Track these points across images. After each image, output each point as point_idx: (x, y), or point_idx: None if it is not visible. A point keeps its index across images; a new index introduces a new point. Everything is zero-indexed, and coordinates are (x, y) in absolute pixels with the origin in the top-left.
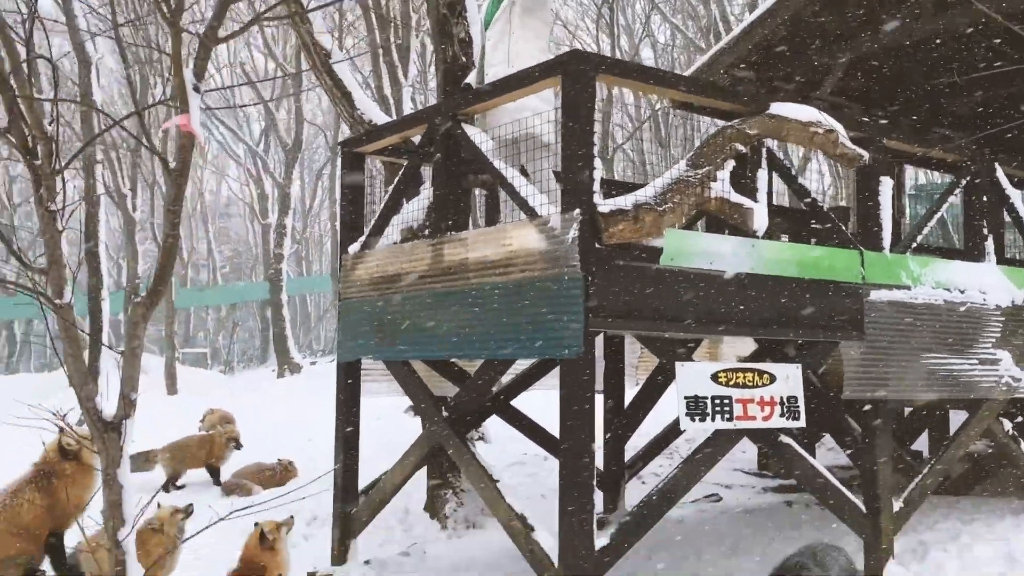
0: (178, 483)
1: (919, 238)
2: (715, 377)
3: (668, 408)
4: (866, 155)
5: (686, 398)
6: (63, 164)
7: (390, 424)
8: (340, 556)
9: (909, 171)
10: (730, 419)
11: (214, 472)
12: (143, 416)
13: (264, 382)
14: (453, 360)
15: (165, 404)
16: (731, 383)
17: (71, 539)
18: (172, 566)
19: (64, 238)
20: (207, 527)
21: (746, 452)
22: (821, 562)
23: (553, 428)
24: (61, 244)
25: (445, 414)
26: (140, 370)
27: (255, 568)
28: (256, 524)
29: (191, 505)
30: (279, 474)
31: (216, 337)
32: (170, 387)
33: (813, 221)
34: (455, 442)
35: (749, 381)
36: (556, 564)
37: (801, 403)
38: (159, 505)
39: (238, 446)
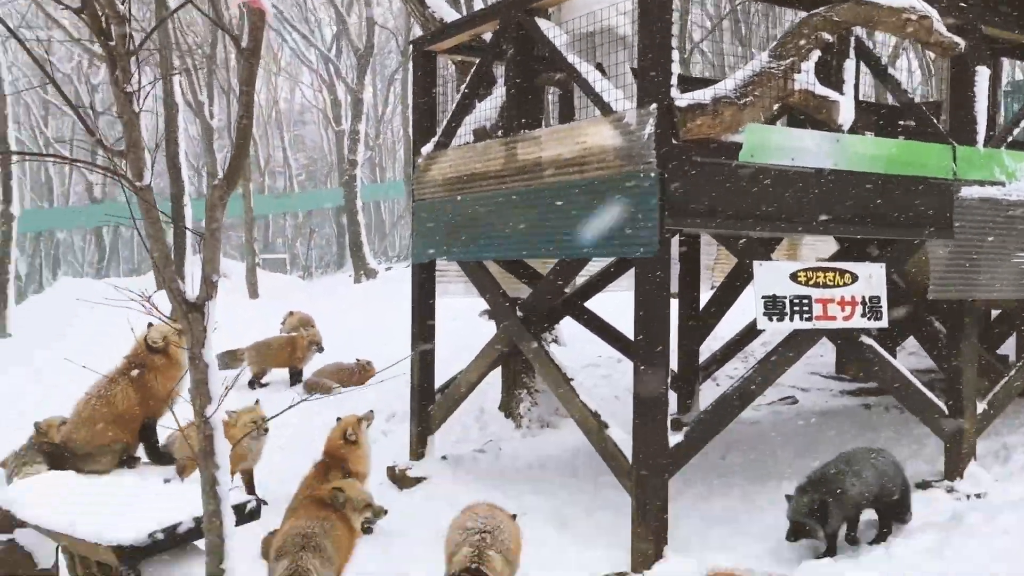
0: (262, 381)
1: (1016, 132)
2: (794, 277)
3: (743, 311)
4: (962, 43)
5: (764, 298)
6: (137, 45)
7: (466, 326)
8: (418, 452)
9: (1005, 66)
10: (809, 319)
11: (295, 372)
12: (226, 318)
13: (341, 287)
14: (526, 261)
15: (247, 308)
16: (811, 283)
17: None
18: (255, 457)
19: (143, 127)
20: (288, 408)
21: (824, 356)
22: (856, 469)
23: (627, 330)
24: (139, 126)
25: (519, 314)
26: (219, 252)
27: (337, 460)
28: (338, 419)
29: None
30: (358, 373)
31: (294, 244)
32: (251, 292)
33: (902, 117)
34: (529, 341)
35: (830, 281)
36: (629, 460)
37: (884, 303)
38: (258, 402)
39: (319, 349)
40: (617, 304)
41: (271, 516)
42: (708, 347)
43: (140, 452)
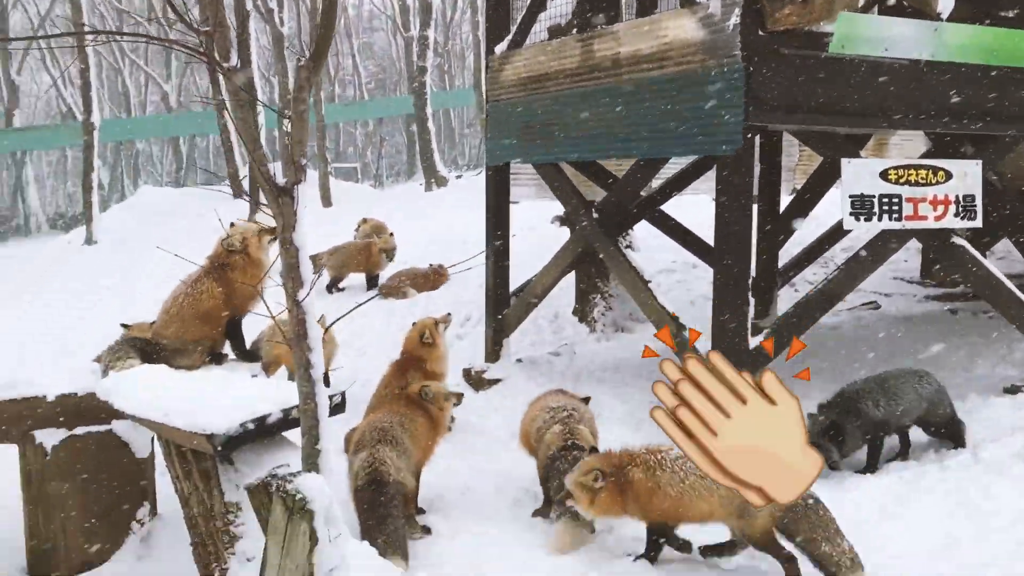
0: (340, 286)
1: None
2: (884, 174)
3: (826, 214)
4: None
5: (851, 196)
6: None
7: (541, 234)
8: (493, 354)
9: None
10: (898, 218)
11: (372, 278)
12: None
13: (412, 195)
14: (602, 163)
15: (320, 216)
16: (902, 181)
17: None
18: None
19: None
20: (357, 307)
21: (907, 261)
22: (891, 391)
23: (704, 234)
24: (223, 5)
25: (595, 216)
26: (307, 134)
27: (415, 360)
28: (414, 324)
29: (323, 318)
30: (432, 278)
31: (365, 152)
32: (324, 200)
33: (1001, 6)
34: (605, 243)
35: (922, 179)
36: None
37: (979, 202)
38: (323, 316)
39: (390, 258)
40: (695, 207)
41: (353, 416)
42: (787, 252)
43: (228, 349)
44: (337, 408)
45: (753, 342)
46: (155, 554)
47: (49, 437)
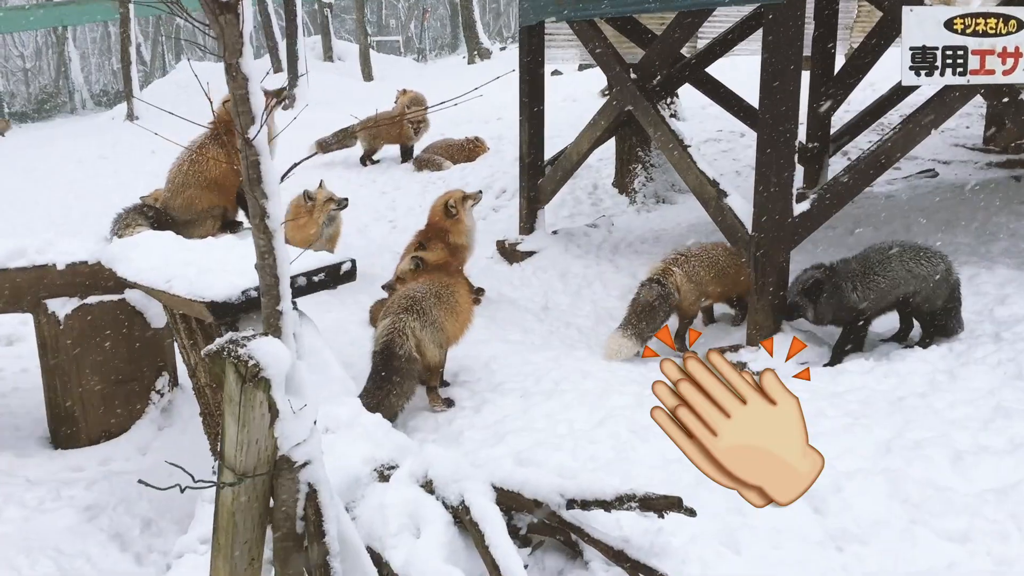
0: (374, 158)
1: None
2: (950, 24)
3: (882, 77)
4: None
5: (912, 49)
6: None
7: (584, 106)
8: (527, 226)
9: None
10: (963, 73)
11: (406, 149)
12: (340, 99)
13: (455, 68)
14: (642, 21)
15: (360, 90)
16: (969, 31)
17: None
18: (334, 240)
19: None
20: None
21: (970, 128)
22: (874, 272)
23: (752, 99)
24: None
25: (633, 76)
26: None
27: (439, 231)
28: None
29: (346, 200)
30: (468, 150)
31: (408, 26)
32: (365, 73)
33: None
34: (643, 106)
35: (991, 28)
36: (749, 230)
37: None
38: (321, 184)
39: (424, 128)
40: (743, 71)
41: (369, 289)
42: (840, 118)
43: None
44: (348, 276)
45: (798, 209)
46: (176, 424)
47: (61, 306)
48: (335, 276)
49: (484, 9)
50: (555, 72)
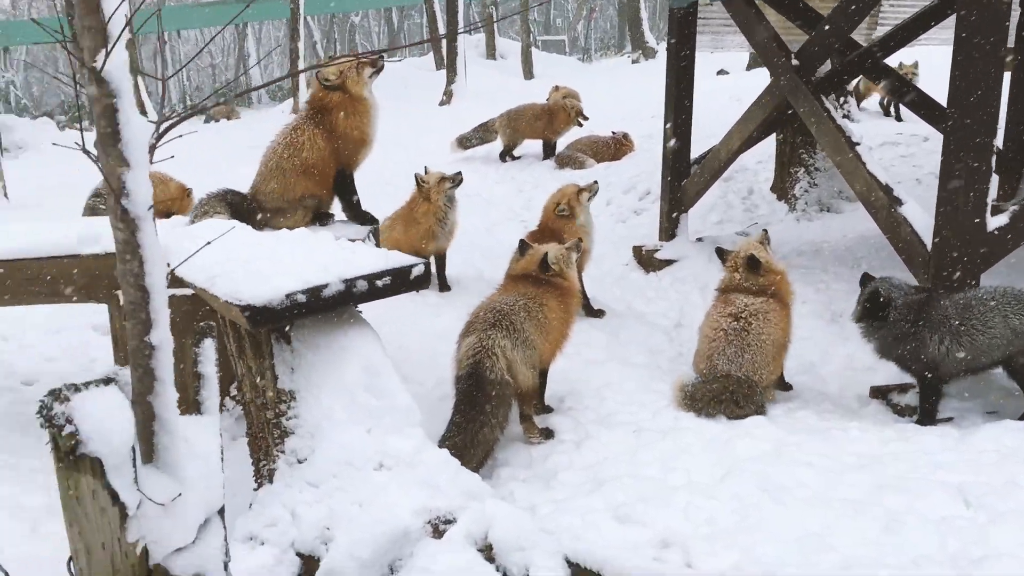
0: (514, 153)
1: None
2: None
3: None
4: None
5: None
6: None
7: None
8: (667, 231)
9: None
10: None
11: (549, 145)
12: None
13: (618, 68)
14: (809, 2)
15: (519, 87)
16: None
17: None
18: (448, 237)
19: None
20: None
21: None
22: (969, 322)
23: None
24: None
25: (795, 63)
26: None
27: (549, 233)
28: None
29: (459, 174)
30: (613, 147)
31: (574, 25)
32: (526, 72)
33: None
34: (805, 98)
35: None
36: (928, 248)
37: None
38: (426, 169)
39: (580, 121)
40: (929, 63)
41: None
42: None
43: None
44: (418, 282)
45: (992, 223)
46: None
47: None
48: (404, 280)
49: (654, 9)
50: (721, 72)
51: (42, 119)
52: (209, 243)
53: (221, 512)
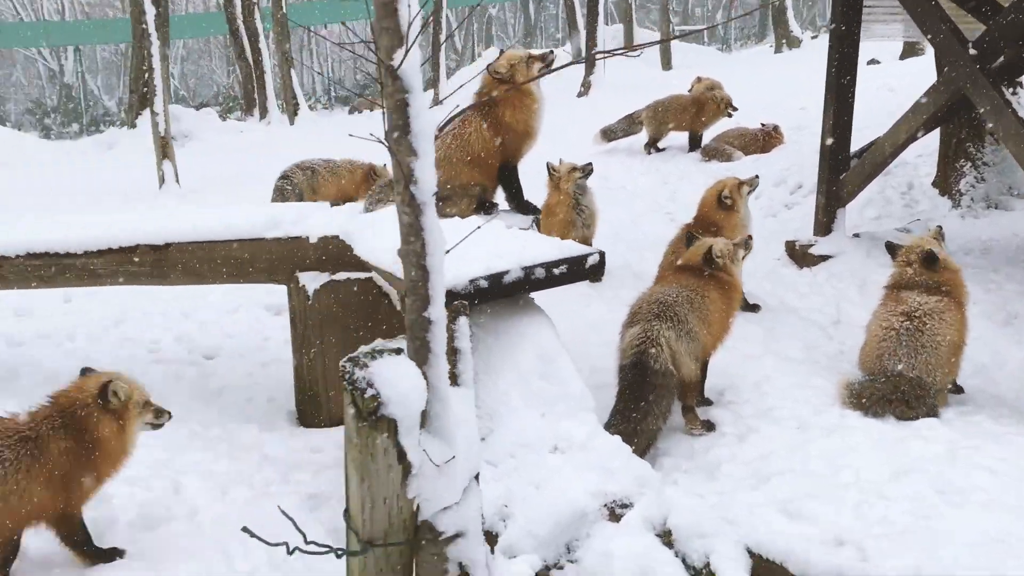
0: (659, 145)
1: None
2: None
3: None
4: None
5: None
6: None
7: (902, 97)
8: (823, 225)
9: None
10: None
11: (695, 137)
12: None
13: (760, 57)
14: None
15: (657, 78)
16: None
17: None
18: (591, 231)
19: None
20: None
21: None
22: None
23: None
24: None
25: (972, 52)
26: None
27: (708, 225)
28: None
29: (590, 164)
30: (762, 140)
31: (714, 14)
32: (664, 62)
33: None
34: (984, 90)
35: None
36: None
37: None
38: (560, 160)
39: (730, 112)
40: None
41: (647, 282)
42: None
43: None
44: (594, 271)
45: None
46: None
47: (311, 280)
48: (579, 269)
49: None
50: (872, 61)
51: (205, 110)
52: (466, 237)
53: (476, 477)
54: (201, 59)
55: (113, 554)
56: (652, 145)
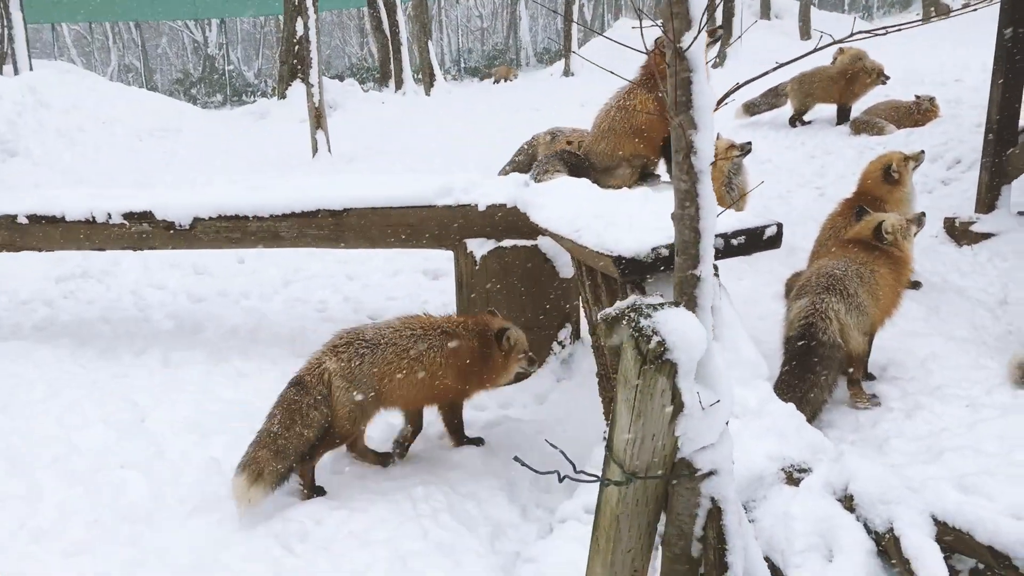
0: (805, 118)
1: None
2: None
3: None
4: None
5: None
6: None
7: None
8: (986, 203)
9: None
10: None
11: (844, 110)
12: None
13: (908, 25)
14: None
15: (796, 48)
16: None
17: None
18: (740, 206)
19: None
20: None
21: None
22: None
23: None
24: None
25: None
26: None
27: (872, 199)
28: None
29: (749, 143)
30: (916, 113)
31: None
32: (803, 31)
33: None
34: None
35: None
36: None
37: None
38: (719, 136)
39: (883, 79)
40: None
41: (798, 258)
42: None
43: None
44: (771, 241)
45: None
46: (574, 378)
47: (479, 247)
48: (756, 240)
49: None
50: None
51: (348, 80)
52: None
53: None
54: (334, 31)
55: (478, 441)
56: (798, 118)
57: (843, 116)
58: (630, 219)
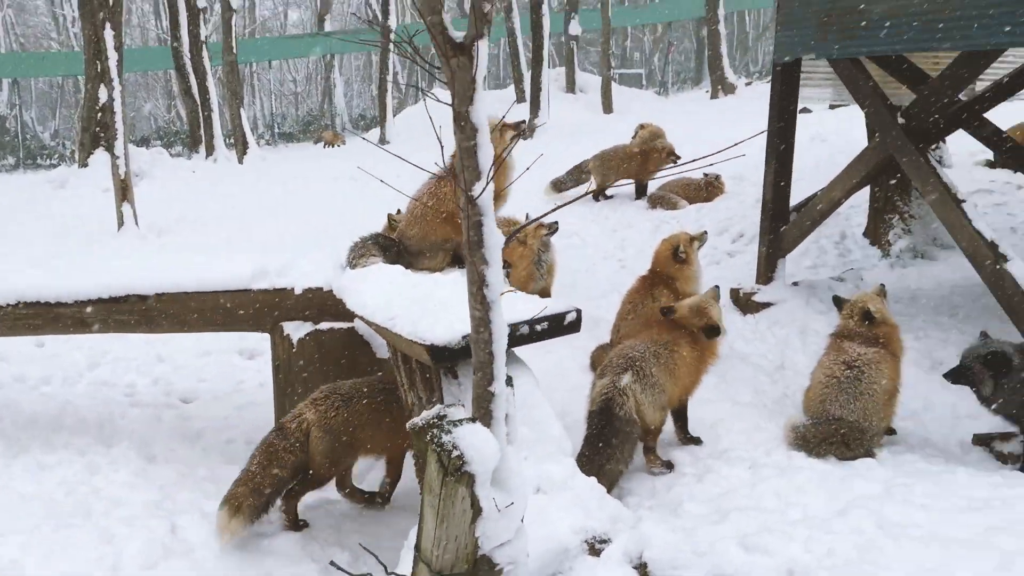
0: (607, 193)
1: None
2: None
3: None
4: None
5: None
6: None
7: (832, 146)
8: (766, 275)
9: None
10: None
11: (641, 186)
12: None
13: (696, 103)
14: (913, 60)
15: (600, 123)
16: None
17: None
18: (548, 281)
19: None
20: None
21: None
22: None
23: None
24: None
25: (901, 121)
26: None
27: (663, 278)
28: (664, 239)
29: (556, 223)
30: (705, 189)
31: (651, 59)
32: (606, 106)
33: None
34: (911, 154)
35: None
36: None
37: None
38: (527, 216)
39: (674, 159)
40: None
41: (603, 329)
42: None
43: None
44: (571, 326)
45: None
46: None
47: (295, 329)
48: (559, 326)
49: (732, 43)
50: (804, 110)
51: (155, 148)
52: None
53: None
54: (138, 91)
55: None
56: (600, 193)
57: (640, 191)
58: (443, 305)
